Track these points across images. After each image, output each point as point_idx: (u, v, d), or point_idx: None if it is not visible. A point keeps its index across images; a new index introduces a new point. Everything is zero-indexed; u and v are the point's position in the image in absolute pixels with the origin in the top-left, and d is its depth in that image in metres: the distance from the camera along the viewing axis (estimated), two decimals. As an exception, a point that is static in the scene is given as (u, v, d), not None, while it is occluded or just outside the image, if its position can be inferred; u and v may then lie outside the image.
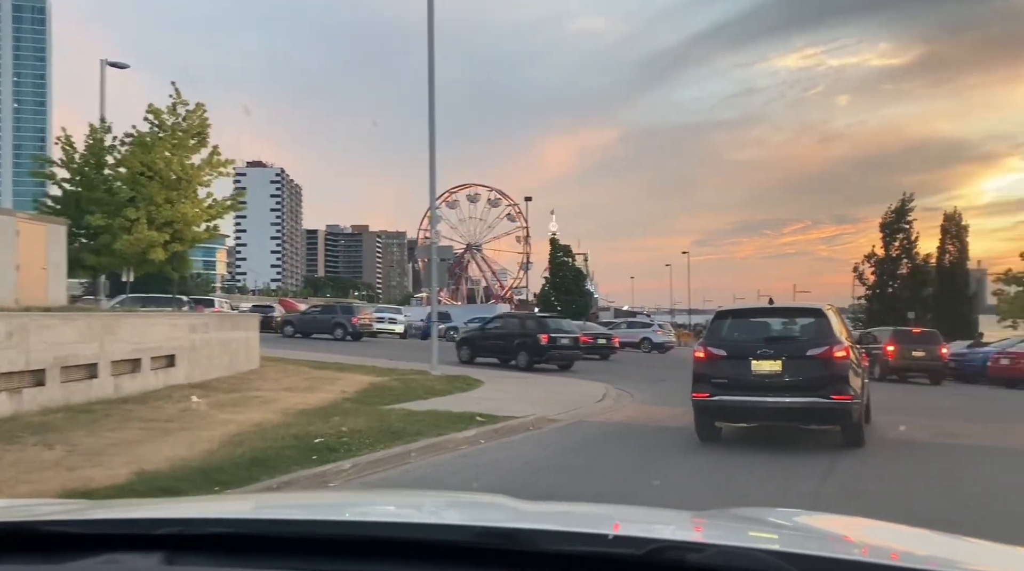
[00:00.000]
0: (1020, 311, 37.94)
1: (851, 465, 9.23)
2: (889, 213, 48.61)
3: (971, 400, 19.58)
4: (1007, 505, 7.29)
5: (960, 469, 9.30)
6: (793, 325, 11.02)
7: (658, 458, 9.80)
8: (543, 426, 12.15)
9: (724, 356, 10.15)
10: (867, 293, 49.28)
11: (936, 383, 25.88)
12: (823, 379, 9.61)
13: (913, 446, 10.67)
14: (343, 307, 40.35)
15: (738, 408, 10.15)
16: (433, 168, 19.52)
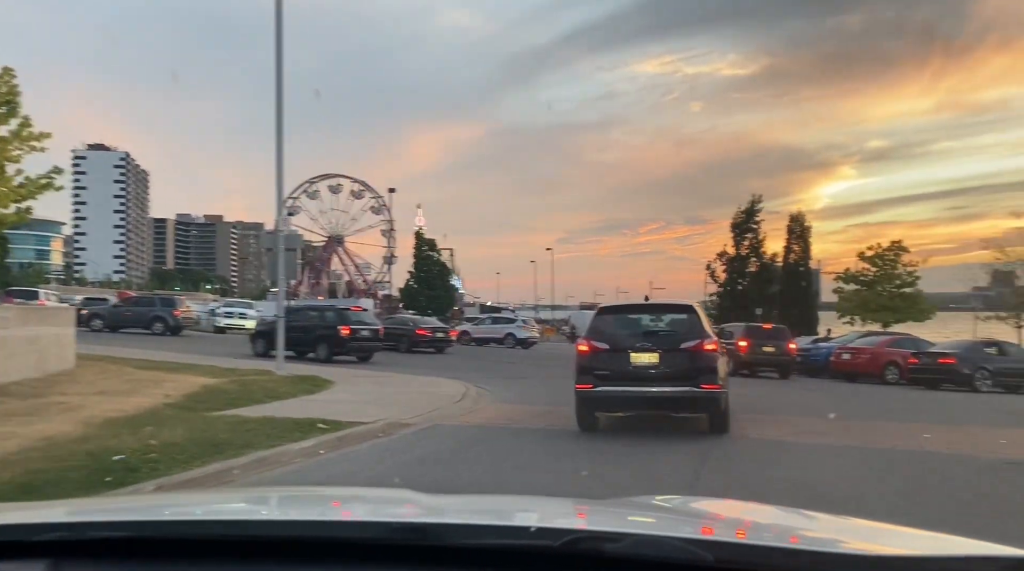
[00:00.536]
0: (858, 308, 40.52)
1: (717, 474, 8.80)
2: (739, 214, 50.70)
3: (823, 396, 20.15)
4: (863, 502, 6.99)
5: (820, 467, 9.06)
6: (667, 320, 11.54)
7: (520, 467, 8.99)
8: (394, 432, 11.09)
9: (606, 349, 10.76)
10: (718, 290, 51.22)
11: (784, 377, 26.80)
12: (695, 370, 10.41)
13: (782, 445, 10.43)
14: (163, 299, 37.54)
15: (619, 397, 10.80)
16: (280, 150, 17.96)
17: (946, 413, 15.26)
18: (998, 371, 23.26)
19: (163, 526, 1.66)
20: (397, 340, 32.84)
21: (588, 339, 11.04)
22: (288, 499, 2.48)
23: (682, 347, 10.58)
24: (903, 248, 39.86)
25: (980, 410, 16.17)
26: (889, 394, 21.26)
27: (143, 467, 7.43)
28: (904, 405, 17.16)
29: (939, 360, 23.78)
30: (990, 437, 11.12)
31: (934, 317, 41.89)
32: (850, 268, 41.87)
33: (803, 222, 48.73)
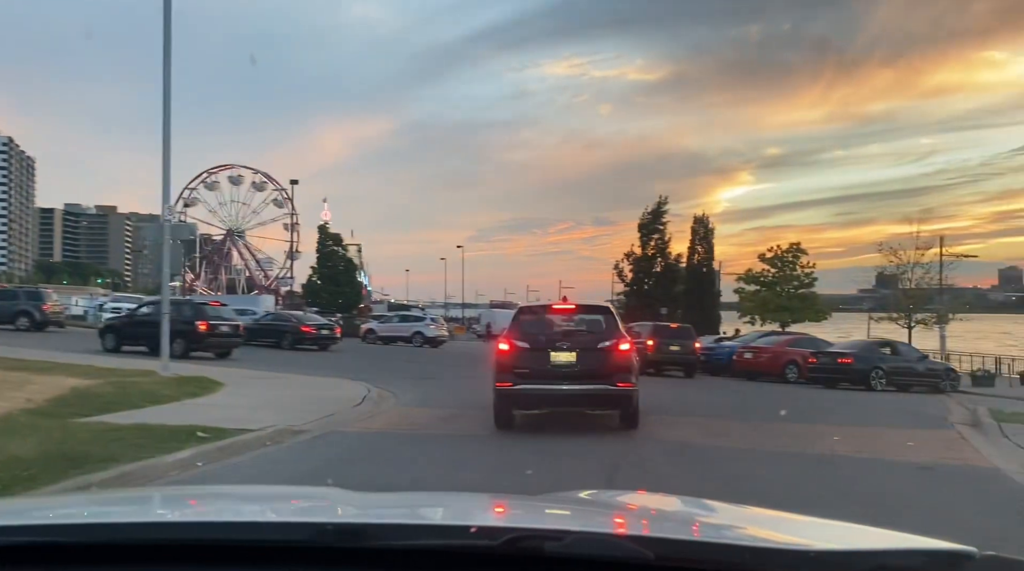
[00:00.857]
0: (758, 308, 41.56)
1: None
2: (646, 215, 51.34)
3: (730, 396, 20.22)
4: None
5: (734, 471, 8.73)
6: (585, 321, 11.90)
7: (419, 480, 8.27)
8: (284, 440, 10.17)
9: (527, 348, 11.04)
10: (625, 289, 51.74)
11: (689, 376, 27.02)
12: (611, 369, 10.84)
13: (696, 449, 10.10)
14: (28, 292, 34.85)
15: (538, 395, 11.02)
16: (167, 136, 16.58)
17: (849, 413, 15.40)
18: (891, 370, 24.04)
19: (93, 530, 1.58)
20: (279, 337, 31.56)
21: (509, 338, 11.24)
22: (205, 498, 2.36)
23: (599, 347, 11.01)
24: (801, 250, 41.23)
25: (880, 410, 16.44)
26: (792, 393, 21.58)
27: (-31, 489, 6.34)
28: (810, 405, 17.29)
29: (838, 360, 24.39)
30: (896, 439, 11.12)
31: (829, 317, 43.50)
32: (751, 269, 42.98)
33: (707, 224, 49.83)
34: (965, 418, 14.00)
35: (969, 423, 13.04)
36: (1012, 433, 11.23)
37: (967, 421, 13.42)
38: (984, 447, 10.29)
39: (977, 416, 13.54)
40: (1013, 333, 78.79)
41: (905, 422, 13.67)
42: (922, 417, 14.53)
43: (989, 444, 10.58)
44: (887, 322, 35.95)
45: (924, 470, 8.72)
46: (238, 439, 9.58)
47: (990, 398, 22.96)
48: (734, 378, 28.38)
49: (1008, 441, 10.71)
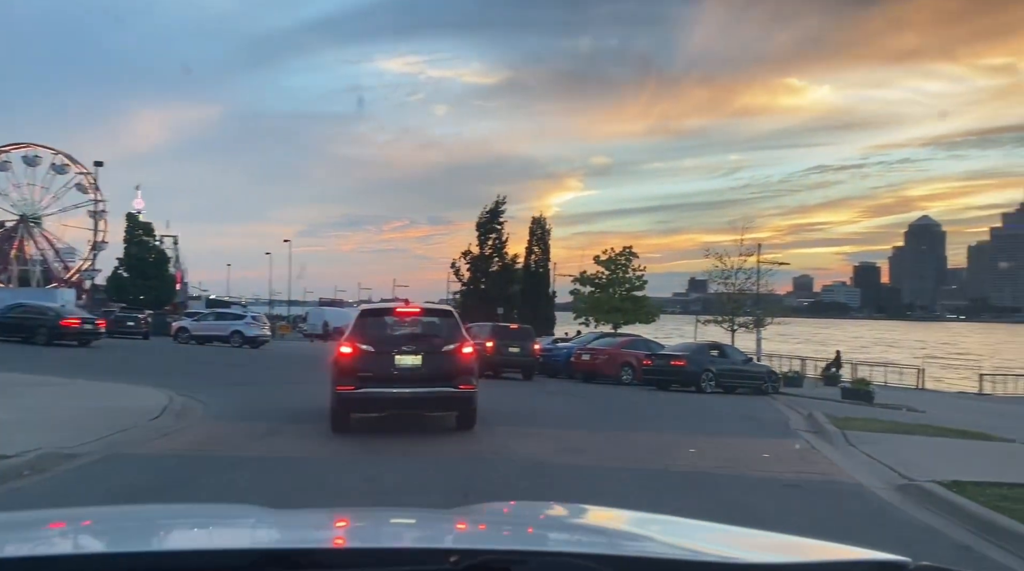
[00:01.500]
0: (592, 309, 41.99)
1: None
2: (484, 214, 50.78)
3: (575, 401, 19.57)
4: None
5: (599, 492, 7.75)
6: (429, 323, 11.79)
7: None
8: (49, 468, 8.10)
9: (371, 351, 10.90)
10: (462, 288, 50.90)
11: (528, 378, 26.39)
12: (455, 372, 10.95)
13: (553, 468, 9.02)
14: None
15: (381, 399, 10.94)
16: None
17: (694, 420, 15.08)
18: (720, 373, 24.55)
19: None
20: (31, 332, 27.98)
21: (351, 341, 11.02)
22: (105, 523, 2.07)
23: (444, 350, 11.06)
24: (633, 253, 42.09)
25: (721, 415, 16.33)
26: (630, 396, 21.39)
27: None
28: (654, 411, 16.93)
29: (671, 362, 24.60)
30: (750, 450, 10.68)
31: (658, 319, 44.80)
32: (586, 270, 43.44)
33: (544, 225, 50.03)
34: (805, 424, 14.03)
35: (811, 430, 13.01)
36: (856, 441, 11.13)
37: (808, 427, 13.41)
38: (837, 458, 10.02)
39: (817, 422, 13.57)
40: (821, 335, 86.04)
41: (751, 429, 13.44)
42: (764, 424, 14.44)
43: (840, 454, 10.35)
44: (713, 325, 37.34)
45: (791, 488, 8.16)
46: (-18, 471, 7.45)
47: (803, 399, 24.04)
48: (571, 380, 28.14)
49: (855, 450, 10.55)
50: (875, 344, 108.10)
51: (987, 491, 7.29)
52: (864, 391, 24.92)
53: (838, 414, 16.59)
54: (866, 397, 24.74)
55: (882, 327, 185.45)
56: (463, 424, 11.33)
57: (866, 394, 24.80)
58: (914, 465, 9.05)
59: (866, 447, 10.64)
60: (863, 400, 24.55)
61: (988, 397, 37.55)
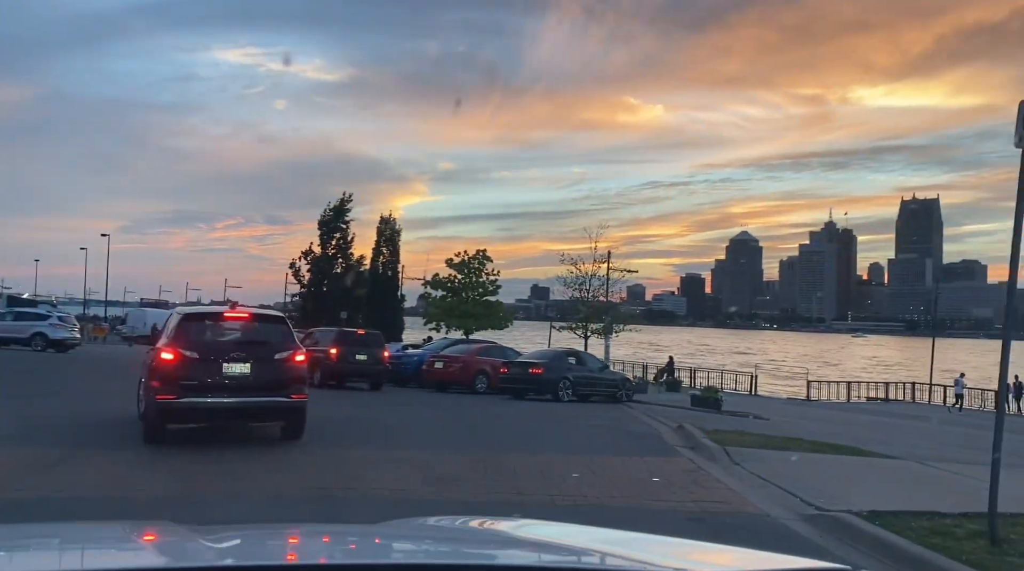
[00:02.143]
0: (444, 314, 40.50)
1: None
2: (328, 211, 47.99)
3: (436, 413, 18.06)
4: None
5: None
6: (260, 330, 11.22)
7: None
8: None
9: (196, 358, 10.27)
10: (302, 291, 47.89)
11: (377, 388, 24.63)
12: (287, 381, 10.57)
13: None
14: None
15: (207, 409, 10.36)
16: None
17: (563, 435, 14.01)
18: (577, 380, 23.94)
19: None
20: None
21: (174, 346, 10.37)
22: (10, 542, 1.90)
23: (276, 357, 10.60)
24: (487, 257, 41.00)
25: (591, 429, 15.37)
26: (489, 407, 20.19)
27: None
28: (520, 425, 15.72)
29: (529, 370, 23.68)
30: (635, 473, 9.69)
31: (512, 325, 44.00)
32: (438, 274, 41.87)
33: (394, 225, 47.79)
34: (679, 438, 13.34)
35: (688, 445, 12.30)
36: (739, 458, 10.47)
37: (684, 442, 12.71)
38: (731, 482, 9.22)
39: (692, 436, 12.91)
40: (654, 341, 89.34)
41: (627, 446, 12.55)
42: (638, 438, 13.62)
43: (730, 475, 9.58)
44: (567, 331, 37.04)
45: (696, 522, 7.16)
46: None
47: (654, 406, 23.91)
48: (422, 389, 26.65)
49: (743, 470, 9.84)
50: (701, 350, 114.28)
51: (911, 523, 6.61)
52: (713, 399, 25.16)
53: (698, 423, 16.25)
54: (715, 405, 24.99)
55: (711, 335, 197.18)
56: (291, 434, 10.95)
57: (715, 402, 25.05)
58: (813, 489, 8.38)
59: (752, 465, 9.97)
60: (712, 408, 24.78)
61: (816, 403, 39.80)
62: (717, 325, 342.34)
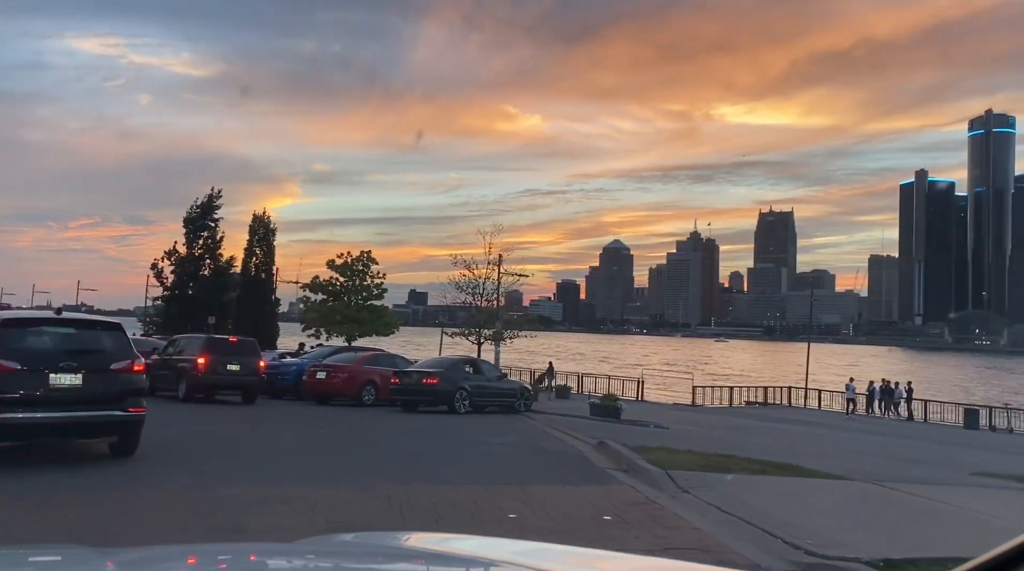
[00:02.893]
0: (324, 319, 37.82)
1: None
2: (195, 209, 44.35)
3: (314, 430, 15.98)
4: None
5: None
6: (93, 338, 10.38)
7: None
8: None
9: (18, 369, 9.38)
10: (165, 294, 43.94)
11: (251, 401, 22.20)
12: (124, 393, 9.93)
13: None
14: None
15: (28, 425, 9.42)
16: None
17: (477, 456, 12.40)
18: (474, 391, 22.43)
19: None
20: None
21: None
22: None
23: (112, 368, 10.00)
24: (372, 258, 38.60)
25: (502, 447, 13.87)
26: (381, 422, 18.32)
27: None
28: (421, 444, 13.92)
29: (423, 380, 21.93)
30: (580, 508, 8.24)
31: (398, 331, 41.75)
32: (318, 276, 39.14)
33: (268, 224, 44.55)
34: (607, 459, 12.03)
35: (621, 468, 11.00)
36: (686, 484, 9.25)
37: (614, 464, 11.41)
38: (690, 516, 7.93)
39: (620, 456, 11.63)
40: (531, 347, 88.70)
41: (554, 471, 11.09)
42: (564, 461, 12.18)
43: (687, 508, 8.29)
44: (460, 337, 35.33)
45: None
46: None
47: (553, 416, 22.81)
48: (301, 401, 24.36)
49: (696, 499, 8.61)
50: (577, 355, 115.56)
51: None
52: (613, 407, 24.26)
53: (608, 435, 15.12)
54: (615, 413, 24.11)
55: (587, 340, 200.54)
56: (123, 451, 10.28)
57: (615, 410, 24.16)
58: (789, 525, 7.23)
59: (704, 494, 8.77)
60: (612, 417, 23.90)
61: (701, 408, 40.02)
62: (591, 330, 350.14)
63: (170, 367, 22.43)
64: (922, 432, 31.35)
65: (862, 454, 16.94)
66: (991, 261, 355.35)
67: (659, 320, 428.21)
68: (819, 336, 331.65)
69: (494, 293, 35.25)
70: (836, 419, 35.82)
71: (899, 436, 27.28)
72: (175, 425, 16.08)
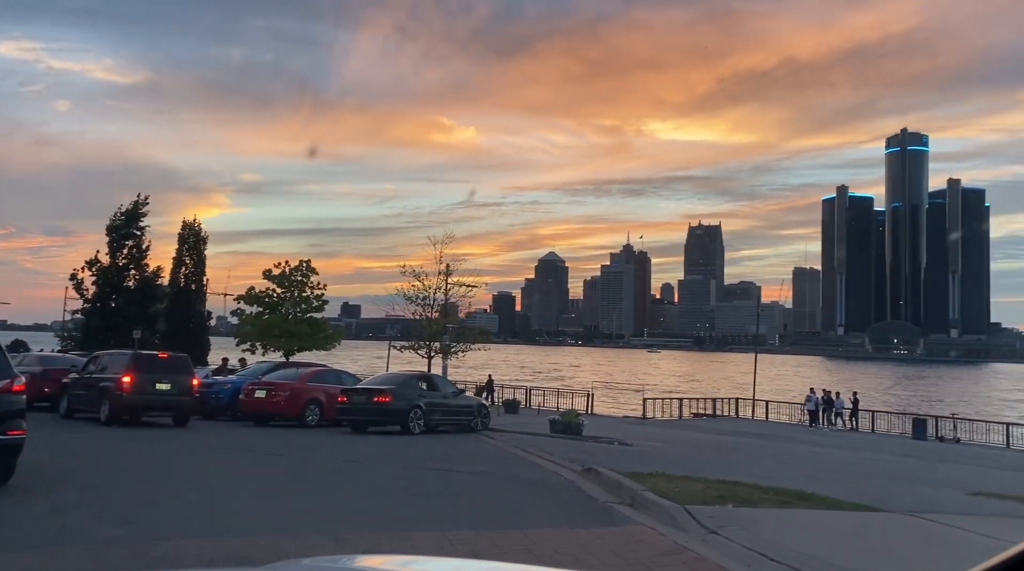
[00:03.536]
0: (260, 333, 35.48)
1: None
2: (118, 215, 41.43)
3: (263, 462, 14.22)
4: None
5: None
6: None
7: None
8: None
9: None
10: (85, 307, 40.84)
11: (182, 423, 20.17)
12: (2, 416, 9.27)
13: None
14: None
15: None
16: None
17: (459, 494, 10.88)
18: (429, 409, 20.87)
19: None
20: None
21: None
22: None
23: None
24: (312, 268, 36.45)
25: (474, 476, 12.39)
26: (330, 446, 16.63)
27: None
28: (387, 475, 12.28)
29: (375, 398, 20.25)
30: (603, 558, 6.90)
31: (339, 344, 39.59)
32: (254, 287, 36.76)
33: (199, 233, 41.87)
34: (603, 489, 10.69)
35: (624, 501, 9.68)
36: (711, 522, 8.00)
37: (615, 496, 10.07)
38: (736, 567, 6.65)
39: (618, 485, 10.32)
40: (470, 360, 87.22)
41: (551, 508, 9.63)
42: (555, 492, 10.73)
43: (727, 556, 7.00)
44: (409, 351, 33.53)
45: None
46: None
47: (513, 434, 21.50)
48: (236, 421, 22.40)
49: (730, 542, 7.36)
50: (521, 367, 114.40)
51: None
52: (575, 424, 23.06)
53: (582, 456, 13.89)
54: (576, 430, 22.92)
55: (523, 352, 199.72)
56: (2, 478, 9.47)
57: (576, 427, 22.97)
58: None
59: (736, 534, 7.54)
60: (574, 433, 22.71)
61: (651, 421, 39.25)
62: (527, 342, 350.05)
63: (91, 386, 20.24)
64: (875, 444, 31.11)
65: (852, 474, 16.10)
66: (908, 273, 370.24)
67: (594, 331, 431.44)
68: (747, 346, 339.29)
69: (441, 305, 33.68)
70: (793, 431, 35.43)
71: (862, 449, 26.85)
72: (95, 454, 14.14)
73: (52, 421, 20.32)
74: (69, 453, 14.13)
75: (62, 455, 13.62)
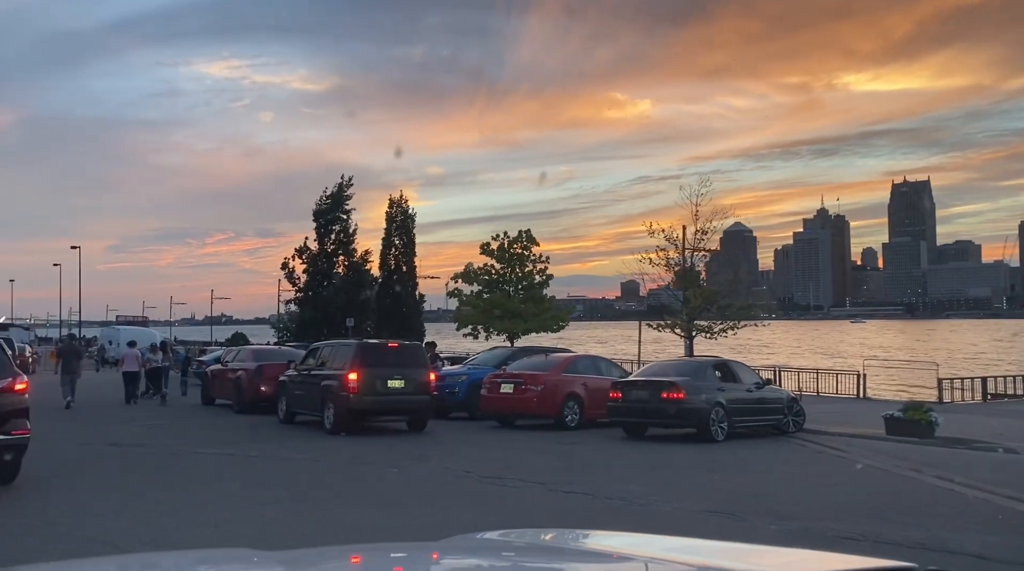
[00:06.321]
0: (481, 315, 31.52)
1: None
2: (324, 199, 39.40)
3: (545, 493, 9.63)
4: None
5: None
6: None
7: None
8: None
9: None
10: (298, 296, 39.25)
11: (419, 428, 16.40)
12: (5, 416, 9.27)
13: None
14: None
15: None
16: None
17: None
18: (731, 407, 15.54)
19: None
20: None
21: None
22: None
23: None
24: (532, 239, 31.94)
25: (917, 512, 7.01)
26: (630, 460, 11.82)
27: None
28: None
29: (662, 393, 15.21)
30: None
31: (567, 325, 34.83)
32: (472, 263, 32.99)
33: (407, 210, 38.88)
34: None
35: None
36: None
37: None
38: None
39: None
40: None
41: None
42: None
43: None
44: (667, 331, 28.43)
45: None
46: None
47: (830, 436, 15.93)
48: (475, 420, 18.33)
49: None
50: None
51: None
52: (924, 421, 16.78)
53: (957, 470, 8.07)
54: (927, 430, 16.64)
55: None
56: (2, 479, 9.28)
57: (927, 426, 16.68)
58: None
59: None
60: (923, 435, 16.47)
61: (951, 405, 31.66)
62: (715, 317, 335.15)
63: (312, 385, 16.83)
64: None
65: None
66: None
67: (788, 303, 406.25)
68: (967, 311, 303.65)
69: (688, 272, 28.25)
70: None
71: None
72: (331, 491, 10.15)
73: (269, 427, 17.18)
74: (326, 486, 10.29)
75: (318, 487, 9.83)
